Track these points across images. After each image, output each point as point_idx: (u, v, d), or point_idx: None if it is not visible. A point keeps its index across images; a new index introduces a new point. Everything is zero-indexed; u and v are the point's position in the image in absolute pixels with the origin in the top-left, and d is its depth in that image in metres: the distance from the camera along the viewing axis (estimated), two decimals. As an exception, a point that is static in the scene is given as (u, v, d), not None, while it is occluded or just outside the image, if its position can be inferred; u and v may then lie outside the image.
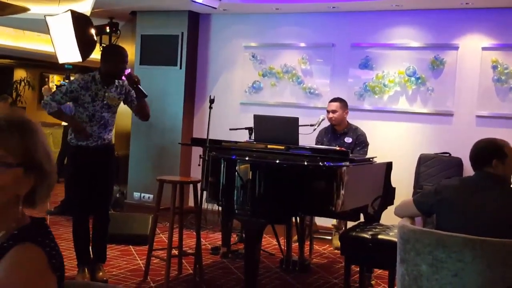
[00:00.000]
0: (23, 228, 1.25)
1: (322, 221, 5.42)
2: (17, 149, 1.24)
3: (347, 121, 5.06)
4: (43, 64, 12.77)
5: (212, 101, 4.27)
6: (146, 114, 4.31)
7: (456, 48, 5.39)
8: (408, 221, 2.86)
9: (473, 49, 5.32)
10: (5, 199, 1.24)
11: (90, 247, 4.21)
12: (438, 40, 5.46)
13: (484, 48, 5.27)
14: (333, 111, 4.95)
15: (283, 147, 3.93)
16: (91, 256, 4.19)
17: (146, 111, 4.29)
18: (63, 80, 8.16)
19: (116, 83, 4.13)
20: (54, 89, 6.83)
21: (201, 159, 4.15)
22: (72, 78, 6.38)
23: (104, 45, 6.38)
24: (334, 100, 5.04)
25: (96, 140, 4.10)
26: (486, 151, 2.74)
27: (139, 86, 4.11)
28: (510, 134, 4.93)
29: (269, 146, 4.01)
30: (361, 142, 4.98)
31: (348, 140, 4.96)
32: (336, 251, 5.20)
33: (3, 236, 1.23)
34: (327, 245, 5.51)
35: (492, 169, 2.71)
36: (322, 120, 4.96)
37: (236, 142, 4.34)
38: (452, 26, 5.40)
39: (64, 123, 8.17)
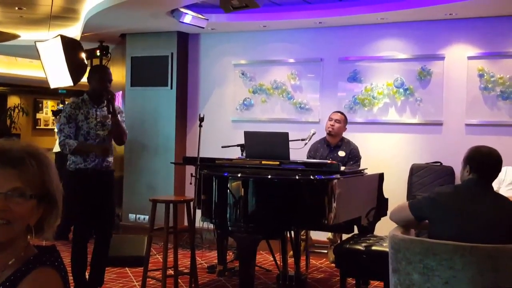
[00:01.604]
0: (37, 254, 1.29)
1: (318, 235, 5.43)
2: (34, 181, 1.26)
3: (342, 136, 5.11)
4: (36, 90, 12.83)
5: (201, 120, 4.30)
6: (118, 135, 4.17)
7: (442, 58, 5.46)
8: (399, 230, 2.87)
9: (459, 58, 5.39)
10: (19, 229, 1.27)
11: (87, 271, 4.20)
12: (424, 51, 5.53)
13: (469, 57, 5.34)
14: (337, 121, 5.00)
15: (275, 163, 3.95)
16: (87, 280, 4.18)
17: (118, 131, 4.15)
18: (58, 105, 8.20)
19: (106, 103, 4.14)
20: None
21: (193, 178, 4.16)
22: (66, 102, 6.43)
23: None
24: (339, 112, 5.14)
25: (94, 160, 4.09)
26: (500, 164, 2.76)
27: (111, 100, 4.06)
28: (499, 142, 4.99)
29: (262, 162, 4.02)
30: (354, 156, 5.01)
31: (342, 153, 4.99)
32: (332, 264, 5.20)
33: (12, 264, 1.26)
34: (324, 259, 5.51)
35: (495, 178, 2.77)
36: (313, 134, 5.00)
37: (230, 159, 4.36)
38: (437, 37, 5.48)
39: (55, 150, 8.22)
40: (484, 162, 2.70)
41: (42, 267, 1.25)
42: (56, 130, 8.99)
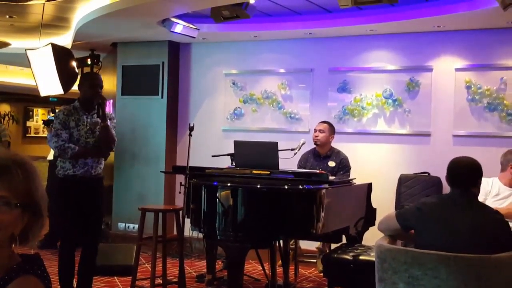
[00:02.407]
0: (20, 263, 1.29)
1: (307, 245, 5.45)
2: (20, 190, 1.27)
3: (331, 145, 5.13)
4: (27, 98, 12.80)
5: (191, 129, 4.33)
6: (106, 140, 4.09)
7: (430, 70, 5.52)
8: (385, 240, 2.90)
9: (447, 70, 5.46)
10: (3, 237, 1.27)
11: (75, 280, 4.19)
12: (413, 63, 5.59)
13: (457, 69, 5.41)
14: (320, 131, 5.02)
15: (265, 172, 3.98)
16: None
17: (106, 136, 4.08)
18: (49, 114, 8.19)
19: (96, 107, 4.14)
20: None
21: (182, 187, 4.17)
22: (57, 110, 6.43)
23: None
24: (324, 121, 5.17)
25: (83, 167, 4.07)
26: (476, 172, 2.78)
27: (101, 105, 4.06)
28: (486, 153, 5.04)
29: (252, 172, 4.05)
30: (344, 166, 5.04)
31: (332, 164, 5.02)
32: (321, 274, 5.20)
33: None
34: (313, 269, 5.52)
35: (476, 188, 2.78)
36: (303, 144, 5.03)
37: (220, 168, 4.37)
38: (426, 49, 5.54)
39: (50, 157, 8.18)
40: (454, 173, 2.78)
41: (25, 276, 1.25)
42: (49, 138, 8.98)
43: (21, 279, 1.24)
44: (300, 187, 3.69)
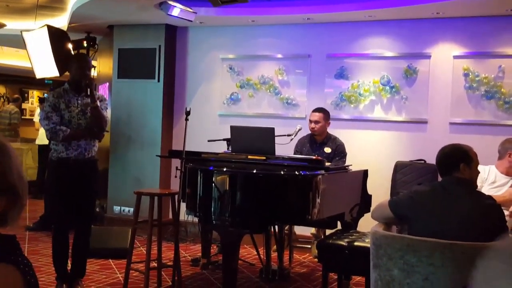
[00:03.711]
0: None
1: (301, 230, 5.46)
2: None
3: (327, 132, 5.11)
4: (22, 80, 12.72)
5: (188, 113, 4.30)
6: (97, 121, 4.04)
7: (428, 57, 5.50)
8: (380, 227, 2.90)
9: (445, 57, 5.44)
10: None
11: (70, 263, 4.19)
12: (411, 50, 5.57)
13: (455, 57, 5.39)
14: (316, 122, 4.97)
15: (261, 158, 3.97)
16: (69, 271, 4.17)
17: (97, 117, 4.02)
18: (44, 95, 8.14)
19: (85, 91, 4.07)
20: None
21: (178, 171, 4.17)
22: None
23: None
24: (318, 110, 5.05)
25: (76, 149, 4.05)
26: (453, 157, 2.80)
27: (90, 86, 4.01)
28: (483, 141, 5.06)
29: (248, 157, 4.04)
30: (340, 152, 5.03)
31: (328, 150, 5.01)
32: (315, 259, 5.23)
33: None
34: (307, 254, 5.54)
35: (460, 173, 2.77)
36: (299, 130, 5.01)
37: (216, 153, 4.37)
38: (424, 36, 5.52)
39: (38, 142, 8.18)
40: (437, 160, 2.86)
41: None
42: (36, 120, 8.94)
43: None
44: (296, 173, 3.68)
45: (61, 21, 6.80)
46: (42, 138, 7.61)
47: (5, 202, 1.26)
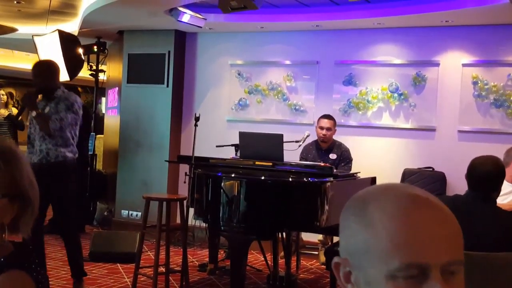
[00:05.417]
0: (8, 255, 1.25)
1: (309, 237, 5.46)
2: (3, 179, 1.23)
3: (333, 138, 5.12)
4: (32, 83, 12.80)
5: (197, 119, 4.33)
6: (42, 129, 3.96)
7: (437, 64, 5.51)
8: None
9: (454, 65, 5.44)
10: None
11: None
12: (420, 57, 5.58)
13: (464, 65, 5.39)
14: (328, 129, 4.95)
15: (269, 164, 3.99)
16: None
17: (41, 128, 3.96)
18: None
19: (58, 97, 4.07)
20: None
21: (187, 176, 4.19)
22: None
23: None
24: (328, 117, 5.03)
25: (38, 155, 3.94)
26: (499, 175, 2.53)
27: (31, 96, 4.03)
28: (491, 149, 5.02)
29: (256, 163, 4.05)
30: (345, 158, 5.04)
31: (333, 156, 5.02)
32: (323, 266, 5.24)
33: None
34: (314, 260, 5.55)
35: (498, 193, 2.55)
36: (307, 136, 5.03)
37: (224, 159, 4.39)
38: (433, 43, 5.52)
39: None
40: (476, 174, 2.53)
41: (7, 272, 1.20)
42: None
43: (3, 276, 1.19)
44: (304, 179, 3.70)
45: (72, 26, 6.87)
46: None
47: (16, 209, 1.26)
